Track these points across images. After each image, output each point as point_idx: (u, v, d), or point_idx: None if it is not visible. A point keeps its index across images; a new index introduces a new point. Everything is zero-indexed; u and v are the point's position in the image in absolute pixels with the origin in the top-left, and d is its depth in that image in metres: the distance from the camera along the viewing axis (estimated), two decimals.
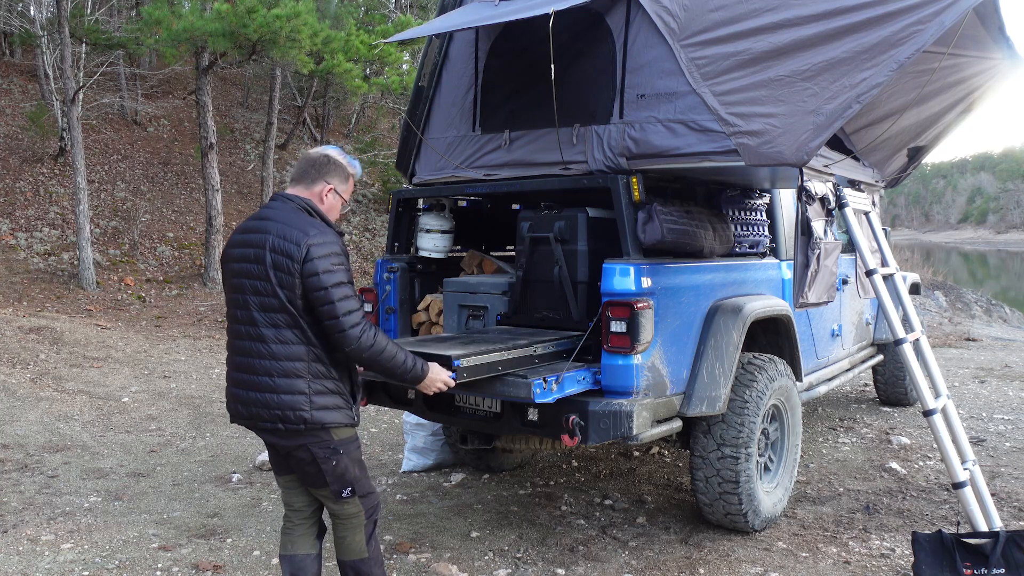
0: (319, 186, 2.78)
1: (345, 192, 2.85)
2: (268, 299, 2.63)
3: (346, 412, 2.76)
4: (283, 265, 2.60)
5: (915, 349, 3.91)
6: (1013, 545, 3.39)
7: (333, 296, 2.59)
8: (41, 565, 3.87)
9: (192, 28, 10.93)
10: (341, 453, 2.75)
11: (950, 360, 9.51)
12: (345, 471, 2.77)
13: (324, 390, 2.70)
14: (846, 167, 4.82)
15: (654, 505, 4.65)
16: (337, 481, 2.77)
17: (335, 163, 2.81)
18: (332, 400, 2.72)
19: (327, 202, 2.80)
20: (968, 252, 57.64)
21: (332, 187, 2.79)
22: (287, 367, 2.66)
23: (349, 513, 2.85)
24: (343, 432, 2.76)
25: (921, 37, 3.24)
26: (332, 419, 2.71)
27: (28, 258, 12.62)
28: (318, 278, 2.58)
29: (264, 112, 17.00)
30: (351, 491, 2.80)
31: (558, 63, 3.71)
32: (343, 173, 2.83)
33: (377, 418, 6.86)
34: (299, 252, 2.58)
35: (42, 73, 16.34)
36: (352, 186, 2.90)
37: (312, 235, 2.61)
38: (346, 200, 2.87)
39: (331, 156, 2.82)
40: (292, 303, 2.61)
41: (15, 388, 7.42)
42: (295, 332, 2.64)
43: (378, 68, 15.64)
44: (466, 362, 3.22)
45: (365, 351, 2.65)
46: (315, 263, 2.58)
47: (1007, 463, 5.39)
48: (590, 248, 3.93)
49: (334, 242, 2.65)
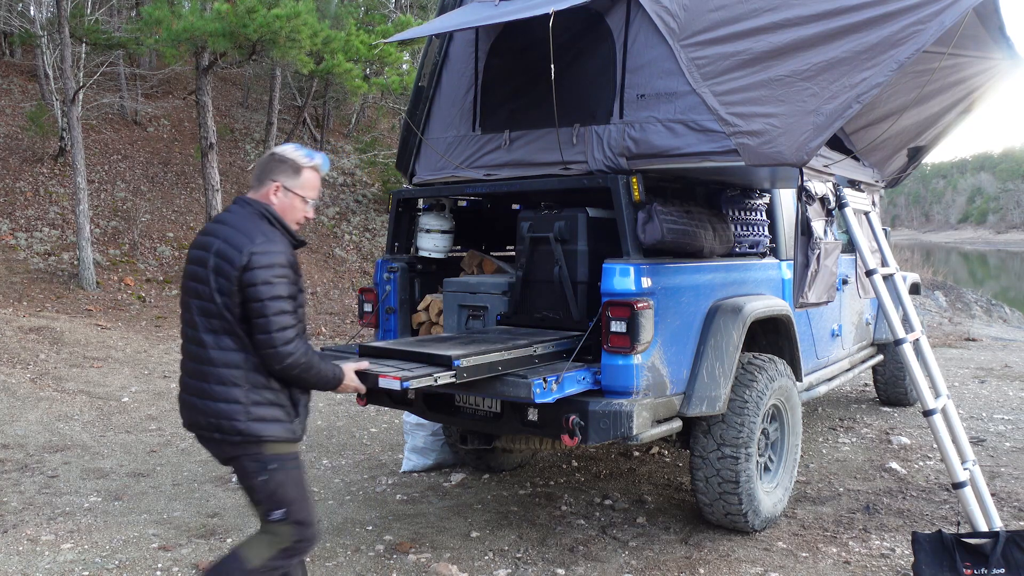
0: (266, 186, 2.66)
1: (299, 187, 2.68)
2: (207, 304, 2.54)
3: (286, 426, 2.61)
4: (224, 270, 2.50)
5: (915, 349, 3.91)
6: (1013, 545, 3.39)
7: (268, 310, 2.48)
8: (41, 565, 3.87)
9: (192, 28, 10.92)
10: (273, 469, 2.59)
11: (950, 360, 9.51)
12: (277, 489, 2.60)
13: (263, 401, 2.57)
14: (846, 167, 4.82)
15: (654, 505, 4.65)
16: (268, 500, 2.61)
17: (280, 159, 2.68)
18: (271, 412, 2.58)
19: (279, 201, 2.66)
20: (968, 252, 57.63)
21: (279, 184, 2.65)
22: (224, 374, 2.55)
23: (274, 531, 2.64)
24: (281, 447, 2.61)
25: (921, 37, 3.24)
26: (269, 432, 2.57)
27: (28, 258, 12.62)
28: (256, 289, 2.47)
29: (264, 112, 17.01)
30: (284, 513, 2.61)
31: (558, 63, 3.71)
32: (292, 168, 2.67)
33: (377, 418, 6.86)
34: (240, 259, 2.48)
35: (42, 73, 16.33)
36: (311, 180, 2.71)
37: (257, 243, 2.51)
38: (304, 196, 2.69)
39: (277, 153, 2.70)
40: (229, 310, 2.51)
41: (15, 388, 7.42)
42: (232, 339, 2.54)
43: (378, 68, 15.63)
44: (466, 362, 3.22)
45: (294, 369, 2.54)
46: (255, 273, 2.47)
47: (1007, 463, 5.39)
48: (590, 248, 3.93)
49: (280, 252, 2.53)
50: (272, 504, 2.61)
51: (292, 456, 2.66)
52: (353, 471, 5.41)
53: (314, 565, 3.86)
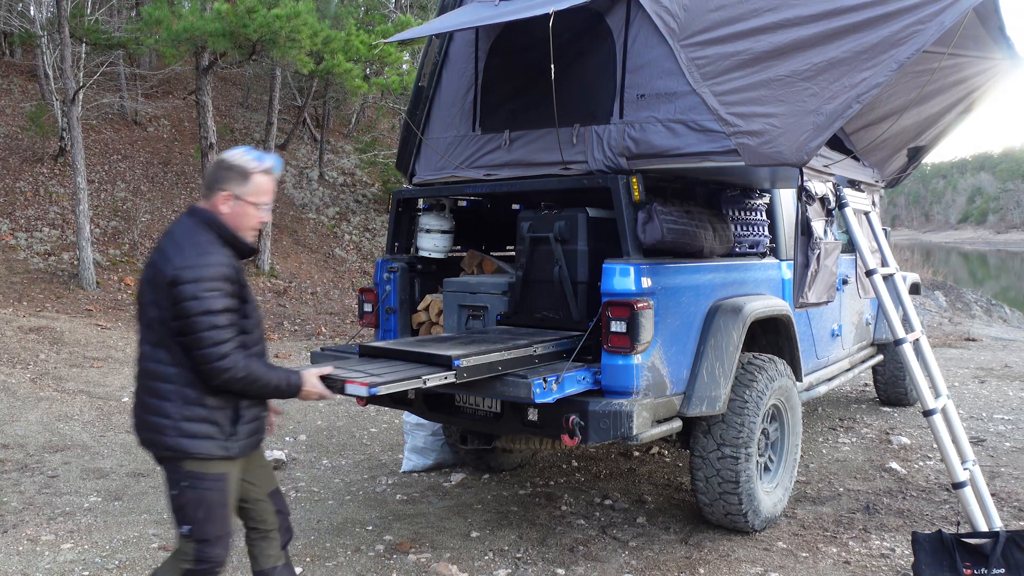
0: (215, 195, 2.57)
1: (250, 195, 2.58)
2: (146, 315, 2.51)
3: (219, 443, 2.54)
4: (157, 283, 2.46)
5: (915, 349, 3.91)
6: (1013, 545, 3.39)
7: (198, 327, 2.40)
8: (41, 565, 3.87)
9: (192, 28, 10.92)
10: (185, 486, 2.54)
11: (950, 360, 9.51)
12: (185, 506, 2.55)
13: (194, 416, 2.51)
14: (846, 167, 4.82)
15: (654, 505, 4.65)
16: (177, 513, 2.58)
17: (228, 166, 2.58)
18: (203, 428, 2.52)
19: (230, 210, 2.57)
20: (968, 252, 57.62)
21: (229, 193, 2.56)
22: (158, 387, 2.53)
23: (183, 549, 2.61)
24: (205, 465, 2.53)
25: (921, 37, 3.24)
26: (198, 449, 2.51)
27: (28, 258, 12.62)
28: (184, 305, 2.40)
29: (264, 112, 17.00)
30: (189, 530, 2.56)
31: (558, 63, 3.71)
32: (240, 175, 2.57)
33: (377, 418, 6.86)
34: (168, 274, 2.43)
35: (42, 73, 16.32)
36: (262, 185, 2.61)
37: (187, 256, 2.43)
38: (256, 203, 2.60)
39: (224, 161, 2.60)
40: (163, 323, 2.47)
41: (15, 388, 7.42)
42: (166, 352, 2.49)
43: (378, 68, 15.63)
44: (466, 362, 3.22)
45: (235, 384, 2.48)
46: (182, 288, 2.40)
47: (1007, 463, 5.39)
48: (590, 248, 3.93)
49: (213, 266, 2.44)
50: (180, 518, 2.59)
51: (214, 477, 2.56)
52: (353, 471, 5.41)
53: (314, 565, 3.86)
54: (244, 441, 2.62)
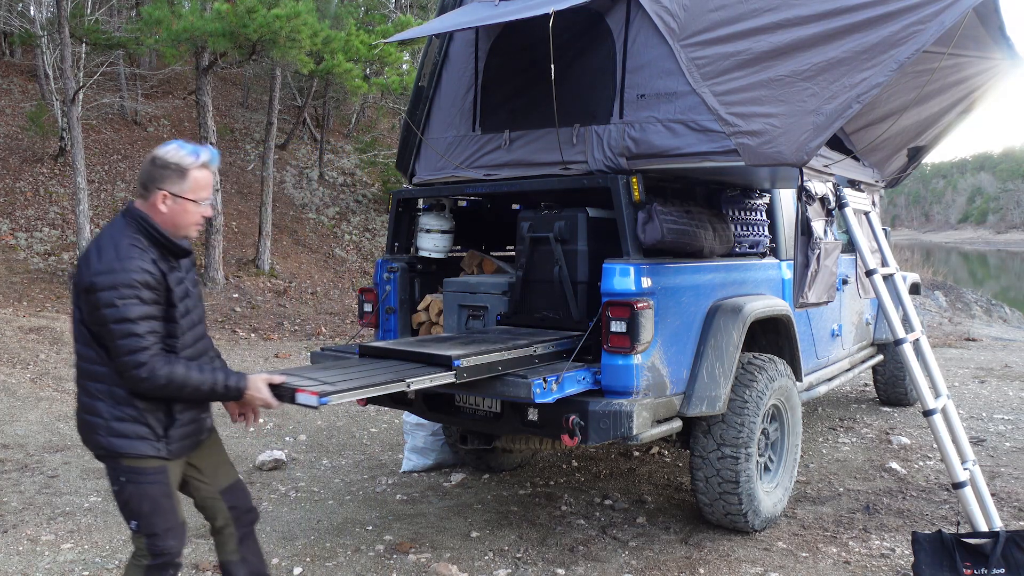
0: (152, 196, 2.49)
1: (188, 192, 2.51)
2: (75, 315, 2.50)
3: (151, 444, 2.52)
4: (77, 287, 2.43)
5: (915, 349, 3.91)
6: (1013, 545, 3.39)
7: (114, 335, 2.37)
8: (41, 565, 3.87)
9: (192, 28, 10.92)
10: (124, 482, 2.54)
11: (950, 360, 9.51)
12: (128, 501, 2.55)
13: (124, 416, 2.50)
14: (846, 167, 4.82)
15: (654, 505, 4.65)
16: (122, 510, 2.58)
17: (163, 164, 2.49)
18: (134, 428, 2.50)
19: (168, 210, 2.50)
20: (968, 252, 57.62)
21: (166, 192, 2.48)
22: (90, 387, 2.53)
23: (137, 546, 2.62)
24: (140, 462, 2.53)
25: (921, 37, 3.24)
26: (130, 449, 2.50)
27: (28, 258, 12.62)
28: (100, 313, 2.36)
29: (264, 112, 17.00)
30: (136, 526, 2.57)
31: (558, 63, 3.71)
32: (176, 172, 2.49)
33: (377, 418, 6.86)
34: (86, 279, 2.39)
35: (42, 73, 16.32)
36: (200, 180, 2.54)
37: (105, 261, 2.38)
38: (195, 199, 2.53)
39: (158, 158, 2.51)
40: (86, 325, 2.45)
41: (15, 388, 7.42)
42: (95, 352, 2.47)
43: (378, 68, 15.63)
44: (466, 362, 3.22)
45: (158, 391, 2.43)
46: (98, 296, 2.36)
47: (1007, 463, 5.39)
48: (590, 248, 3.93)
49: (127, 271, 2.37)
50: (126, 514, 2.59)
51: (152, 471, 2.55)
52: (353, 471, 5.41)
53: (314, 565, 3.86)
54: (179, 443, 2.60)
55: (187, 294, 2.61)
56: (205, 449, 2.81)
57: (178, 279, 2.56)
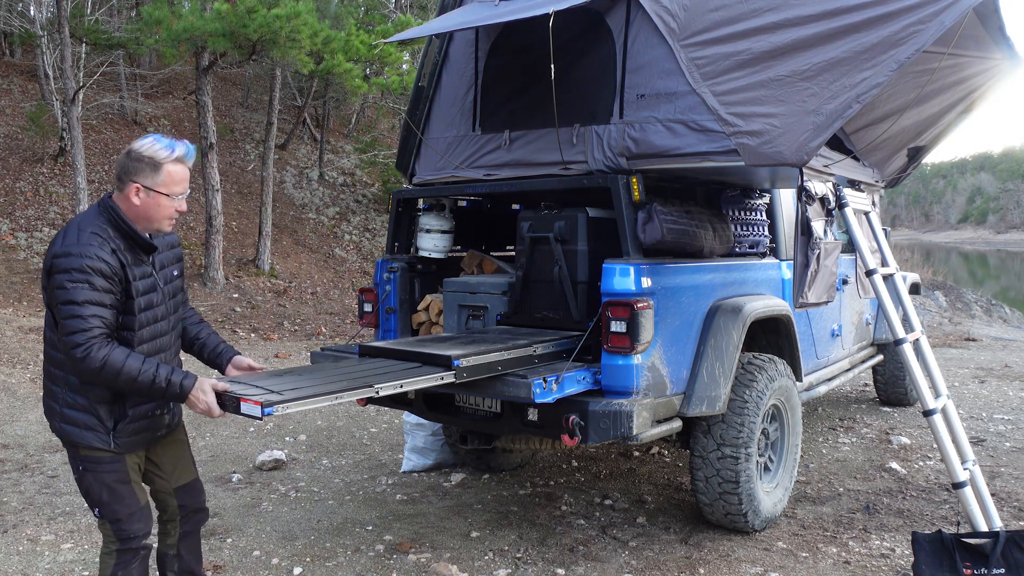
0: (127, 188, 2.52)
1: (161, 185, 2.51)
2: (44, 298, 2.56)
3: (99, 435, 2.55)
4: (44, 268, 2.49)
5: (915, 349, 3.91)
6: (1013, 545, 3.39)
7: (61, 314, 2.39)
8: (41, 565, 3.87)
9: (192, 28, 10.92)
10: (83, 471, 2.60)
11: (950, 360, 9.51)
12: (89, 489, 2.61)
13: (75, 405, 2.54)
14: (846, 167, 4.82)
15: (654, 505, 4.65)
16: (85, 497, 2.65)
17: (137, 157, 2.51)
18: (83, 418, 2.54)
19: (142, 202, 2.52)
20: (968, 252, 57.62)
21: (139, 185, 2.50)
22: (50, 371, 2.58)
23: (104, 532, 2.70)
24: (98, 452, 2.57)
25: (921, 37, 3.24)
26: (80, 438, 2.55)
27: (28, 258, 12.62)
28: (54, 293, 2.42)
29: (264, 112, 17.00)
30: (99, 512, 2.64)
31: (558, 63, 3.71)
32: (149, 166, 2.50)
33: (377, 418, 6.86)
34: (48, 260, 2.44)
35: (42, 73, 16.32)
36: (174, 174, 2.54)
37: (66, 245, 2.42)
38: (168, 193, 2.53)
39: (133, 151, 2.53)
40: (49, 307, 2.50)
41: (15, 388, 7.42)
42: (56, 336, 2.50)
43: (378, 68, 15.63)
44: (466, 362, 3.22)
45: (94, 374, 2.41)
46: (55, 276, 2.41)
47: (1007, 463, 5.39)
48: (590, 248, 3.93)
49: (84, 256, 2.40)
50: (88, 502, 2.65)
51: (108, 460, 2.59)
52: (353, 471, 5.41)
53: (314, 565, 3.86)
54: (129, 439, 2.62)
55: (152, 289, 2.61)
56: (167, 445, 2.84)
57: (144, 272, 2.58)
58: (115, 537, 2.66)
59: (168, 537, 2.93)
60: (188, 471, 2.92)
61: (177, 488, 2.87)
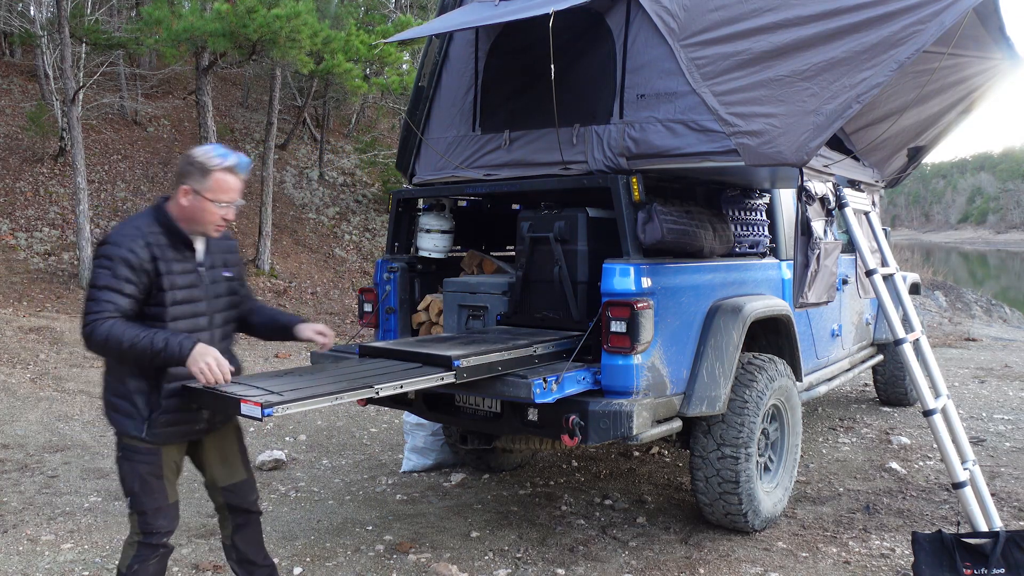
0: (178, 190, 2.66)
1: (208, 191, 2.62)
2: None
3: (135, 423, 2.63)
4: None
5: (915, 349, 3.91)
6: (1013, 545, 3.39)
7: (85, 296, 2.57)
8: (41, 565, 3.87)
9: (192, 28, 10.92)
10: (121, 457, 2.69)
11: (950, 360, 9.51)
12: (124, 477, 2.70)
13: (117, 392, 2.65)
14: (846, 167, 4.82)
15: (654, 505, 4.65)
16: (121, 484, 2.73)
17: (190, 162, 2.64)
18: (123, 405, 2.64)
19: (189, 205, 2.63)
20: (968, 252, 57.62)
21: (188, 188, 2.62)
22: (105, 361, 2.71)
23: (131, 523, 2.75)
24: (136, 441, 2.65)
25: (921, 37, 3.24)
26: (119, 425, 2.64)
27: (28, 258, 12.62)
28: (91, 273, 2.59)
29: (264, 112, 17.00)
30: (129, 503, 2.71)
31: (558, 63, 3.71)
32: (200, 171, 2.62)
33: (377, 418, 6.86)
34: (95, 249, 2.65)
35: (42, 73, 16.32)
36: (222, 183, 2.63)
37: (109, 235, 2.59)
38: (213, 200, 2.63)
39: (188, 155, 2.67)
40: None
41: (15, 388, 7.43)
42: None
43: (378, 68, 15.63)
44: (466, 362, 3.22)
45: (100, 347, 2.50)
46: (94, 261, 2.60)
47: (1007, 463, 5.39)
48: (590, 248, 3.93)
49: (118, 246, 2.53)
50: (123, 489, 2.72)
51: (145, 451, 2.67)
52: (353, 471, 5.41)
53: (314, 565, 3.86)
54: (164, 430, 2.66)
55: (194, 285, 2.69)
56: (215, 441, 2.88)
57: (185, 268, 2.67)
58: (139, 529, 2.72)
59: (224, 528, 3.01)
60: (236, 471, 2.94)
61: (224, 487, 2.91)
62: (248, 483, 2.97)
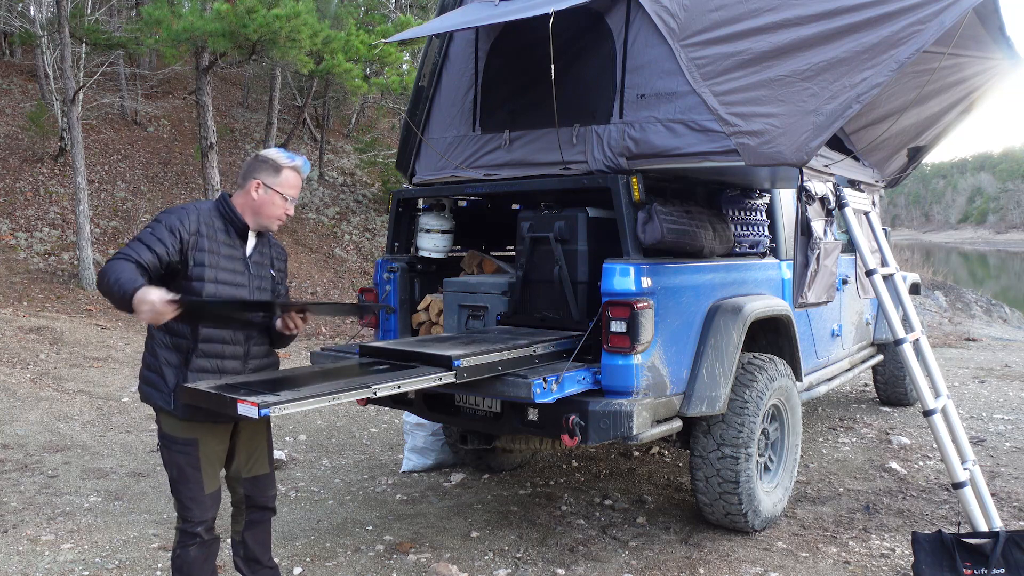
0: (248, 183, 2.84)
1: (278, 185, 2.84)
2: None
3: (163, 396, 2.72)
4: None
5: (915, 349, 3.91)
6: (1013, 545, 3.39)
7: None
8: (41, 565, 3.87)
9: (192, 28, 10.92)
10: (161, 446, 2.82)
11: (950, 360, 9.51)
12: (166, 464, 2.82)
13: (150, 366, 2.75)
14: (846, 167, 4.82)
15: (654, 505, 4.65)
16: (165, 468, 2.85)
17: (263, 159, 2.87)
18: (152, 377, 2.74)
19: (259, 197, 2.83)
20: (968, 252, 57.62)
21: (260, 181, 2.82)
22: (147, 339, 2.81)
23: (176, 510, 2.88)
24: (168, 421, 2.76)
25: (921, 37, 3.24)
26: (150, 398, 2.75)
27: (28, 258, 12.61)
28: None
29: (264, 112, 17.01)
30: (172, 489, 2.84)
31: (558, 63, 3.71)
32: (272, 167, 2.85)
33: (377, 418, 6.86)
34: None
35: (42, 73, 16.32)
36: (290, 179, 2.87)
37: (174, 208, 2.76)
38: (282, 194, 2.85)
39: (260, 155, 2.90)
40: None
41: (15, 388, 7.43)
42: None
43: (378, 68, 15.62)
44: (466, 362, 3.21)
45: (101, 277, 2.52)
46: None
47: (1007, 463, 5.39)
48: (590, 248, 3.93)
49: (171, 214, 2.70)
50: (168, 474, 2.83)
51: (183, 441, 2.76)
52: (353, 471, 5.41)
53: (314, 565, 3.86)
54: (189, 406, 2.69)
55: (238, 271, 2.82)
56: (246, 432, 2.96)
57: (232, 255, 2.80)
58: (179, 515, 2.84)
59: (237, 523, 3.06)
60: (261, 464, 3.03)
61: (246, 478, 2.99)
62: (269, 478, 3.06)
